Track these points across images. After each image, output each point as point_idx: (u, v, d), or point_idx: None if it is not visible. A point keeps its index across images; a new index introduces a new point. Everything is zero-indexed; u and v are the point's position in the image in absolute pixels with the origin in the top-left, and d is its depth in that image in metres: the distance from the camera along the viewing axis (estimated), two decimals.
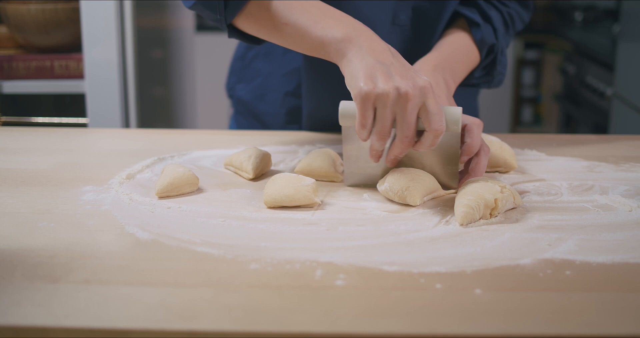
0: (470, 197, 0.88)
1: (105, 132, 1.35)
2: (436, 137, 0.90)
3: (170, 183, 0.95)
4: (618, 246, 0.80)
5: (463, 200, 0.87)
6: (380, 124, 0.90)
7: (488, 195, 0.88)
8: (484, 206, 0.87)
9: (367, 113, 0.89)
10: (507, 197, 0.89)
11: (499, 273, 0.73)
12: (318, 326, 0.63)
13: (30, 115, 1.84)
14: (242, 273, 0.73)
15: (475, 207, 0.86)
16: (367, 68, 0.90)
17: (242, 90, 1.37)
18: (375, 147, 0.93)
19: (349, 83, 0.91)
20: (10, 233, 0.82)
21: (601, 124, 2.93)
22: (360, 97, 0.88)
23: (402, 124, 0.89)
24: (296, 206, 0.91)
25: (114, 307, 0.65)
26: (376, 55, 0.91)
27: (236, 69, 1.39)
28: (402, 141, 0.91)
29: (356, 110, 0.90)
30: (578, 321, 0.64)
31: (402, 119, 0.89)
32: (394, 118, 0.90)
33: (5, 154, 1.13)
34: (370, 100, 0.88)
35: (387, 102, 0.88)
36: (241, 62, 1.37)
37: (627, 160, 1.14)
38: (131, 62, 1.76)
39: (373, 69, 0.89)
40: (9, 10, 1.74)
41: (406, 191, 0.92)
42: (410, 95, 0.87)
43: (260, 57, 1.33)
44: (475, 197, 0.87)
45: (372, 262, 0.75)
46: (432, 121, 0.89)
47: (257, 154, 1.04)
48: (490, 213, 0.88)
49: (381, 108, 0.89)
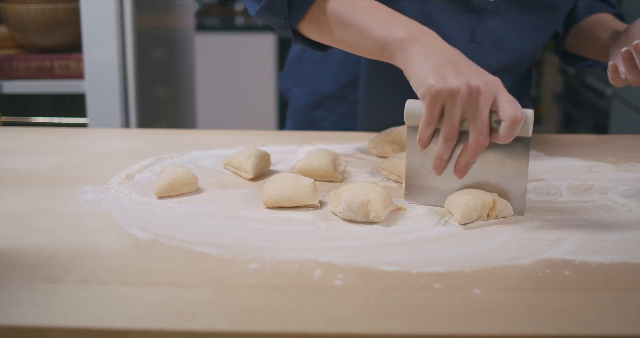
0: (468, 196, 0.88)
1: (105, 132, 1.35)
2: (514, 124, 0.83)
3: (169, 183, 0.95)
4: (617, 246, 0.80)
5: (461, 199, 0.87)
6: (448, 122, 0.85)
7: (486, 196, 0.88)
8: (482, 206, 0.87)
9: (435, 111, 0.85)
10: (507, 202, 0.89)
11: (498, 273, 0.73)
12: (317, 326, 0.63)
13: (30, 115, 1.84)
14: (241, 273, 0.73)
15: (473, 206, 0.86)
16: (435, 65, 0.86)
17: (298, 93, 1.38)
18: (440, 152, 0.87)
19: (416, 82, 0.87)
20: (9, 233, 0.82)
21: (601, 124, 2.93)
22: (429, 94, 0.84)
23: (474, 120, 0.84)
24: (295, 206, 0.91)
25: (113, 307, 0.65)
26: (442, 53, 0.89)
27: (292, 71, 1.39)
28: (475, 140, 0.84)
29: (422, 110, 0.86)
30: (577, 321, 0.64)
31: (474, 115, 0.84)
32: (463, 116, 0.85)
33: (5, 153, 1.13)
34: (441, 98, 0.84)
35: (457, 98, 0.83)
36: (297, 65, 1.37)
37: (627, 160, 1.14)
38: (131, 62, 1.76)
39: (441, 66, 0.86)
40: (9, 10, 1.74)
41: (368, 206, 0.86)
42: (482, 89, 0.83)
43: (313, 63, 1.33)
44: (473, 196, 0.87)
45: (370, 262, 0.75)
46: (509, 109, 0.83)
47: (257, 154, 1.04)
48: (487, 215, 0.88)
49: (450, 105, 0.84)
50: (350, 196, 0.87)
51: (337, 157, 1.05)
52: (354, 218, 0.87)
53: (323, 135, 1.26)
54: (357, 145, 1.21)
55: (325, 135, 1.27)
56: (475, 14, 1.16)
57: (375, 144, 1.15)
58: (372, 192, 0.87)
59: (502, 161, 0.89)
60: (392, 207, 0.89)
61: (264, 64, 3.95)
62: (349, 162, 1.12)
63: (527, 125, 0.86)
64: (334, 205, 0.89)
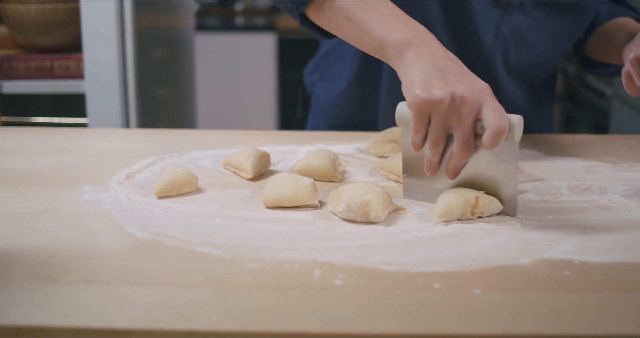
0: (452, 194, 0.88)
1: (105, 132, 1.35)
2: (496, 135, 0.84)
3: (169, 183, 0.95)
4: (617, 246, 0.80)
5: (444, 197, 0.88)
6: (434, 131, 0.87)
7: (470, 193, 0.88)
8: (464, 203, 0.87)
9: (421, 120, 0.87)
10: (493, 199, 0.89)
11: (497, 273, 0.73)
12: (317, 326, 0.63)
13: (30, 115, 1.84)
14: (241, 273, 0.73)
15: (455, 204, 0.87)
16: (424, 74, 0.87)
17: (322, 88, 1.37)
18: (429, 156, 0.89)
19: (405, 90, 0.88)
20: (9, 233, 0.82)
21: (601, 124, 2.93)
22: (414, 105, 0.86)
23: (458, 128, 0.86)
24: (295, 206, 0.92)
25: (113, 306, 0.66)
26: (434, 60, 0.89)
27: (320, 66, 1.38)
28: (460, 148, 0.86)
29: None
30: (576, 321, 0.64)
31: (457, 124, 0.85)
32: (448, 124, 0.86)
33: (5, 153, 1.13)
34: (425, 108, 0.85)
35: (441, 108, 0.85)
36: (325, 61, 1.37)
37: (626, 160, 1.14)
38: (131, 62, 1.76)
39: (429, 75, 0.87)
40: (9, 10, 1.74)
41: (367, 206, 0.87)
42: (466, 99, 0.84)
43: (343, 60, 1.33)
44: (457, 194, 0.88)
45: (370, 262, 0.75)
46: (492, 118, 0.84)
47: (256, 154, 1.04)
48: (471, 212, 0.88)
49: (435, 115, 0.86)
50: (350, 196, 0.87)
51: (336, 157, 1.05)
52: (353, 218, 0.87)
53: (323, 135, 1.26)
54: (356, 145, 1.21)
55: (326, 135, 1.27)
56: (501, 9, 1.17)
57: (375, 143, 1.15)
58: (372, 192, 0.87)
59: (493, 163, 0.90)
60: (391, 207, 0.90)
61: (264, 64, 3.95)
62: (349, 162, 1.12)
63: (513, 132, 0.87)
64: (334, 205, 0.89)
